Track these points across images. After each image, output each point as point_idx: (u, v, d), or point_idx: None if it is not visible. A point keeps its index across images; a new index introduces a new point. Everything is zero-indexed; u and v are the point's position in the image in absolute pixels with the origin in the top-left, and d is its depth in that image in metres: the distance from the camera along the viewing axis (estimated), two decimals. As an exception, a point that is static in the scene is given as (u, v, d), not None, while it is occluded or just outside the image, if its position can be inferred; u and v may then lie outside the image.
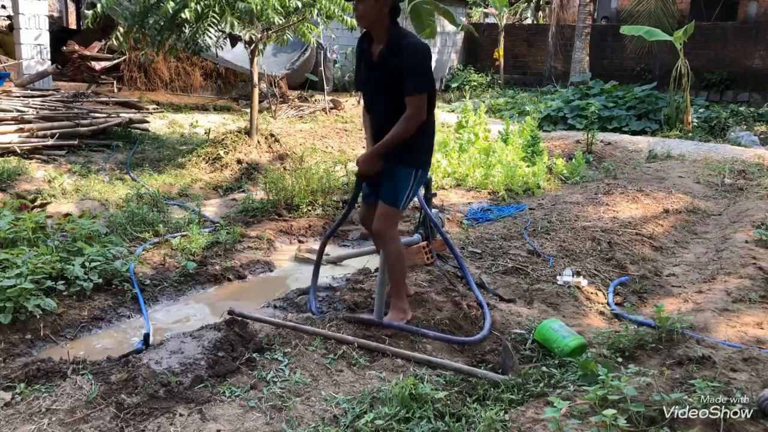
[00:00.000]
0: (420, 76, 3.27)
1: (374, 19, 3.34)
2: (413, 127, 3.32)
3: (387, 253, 3.55)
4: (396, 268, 3.56)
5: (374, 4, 3.29)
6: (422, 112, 3.31)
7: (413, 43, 3.32)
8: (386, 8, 3.32)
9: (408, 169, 3.44)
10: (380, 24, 3.36)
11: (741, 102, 15.63)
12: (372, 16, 3.33)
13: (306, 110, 12.49)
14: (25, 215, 4.75)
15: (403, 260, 3.60)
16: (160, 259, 4.90)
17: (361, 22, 3.40)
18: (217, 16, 7.12)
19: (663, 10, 13.93)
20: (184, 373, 2.98)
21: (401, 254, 3.57)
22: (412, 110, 3.28)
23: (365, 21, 3.38)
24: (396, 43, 3.33)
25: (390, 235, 3.51)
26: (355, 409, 2.74)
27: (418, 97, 3.27)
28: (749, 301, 4.17)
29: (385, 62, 3.35)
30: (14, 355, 3.39)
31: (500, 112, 14.53)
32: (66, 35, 13.95)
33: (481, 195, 7.52)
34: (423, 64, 3.30)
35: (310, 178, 6.79)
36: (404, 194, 3.46)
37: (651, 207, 6.73)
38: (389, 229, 3.50)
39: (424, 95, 3.30)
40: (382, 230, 3.50)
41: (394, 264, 3.55)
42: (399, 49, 3.29)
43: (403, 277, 3.61)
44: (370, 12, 3.31)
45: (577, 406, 2.49)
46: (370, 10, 3.31)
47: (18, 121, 7.66)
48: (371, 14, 3.32)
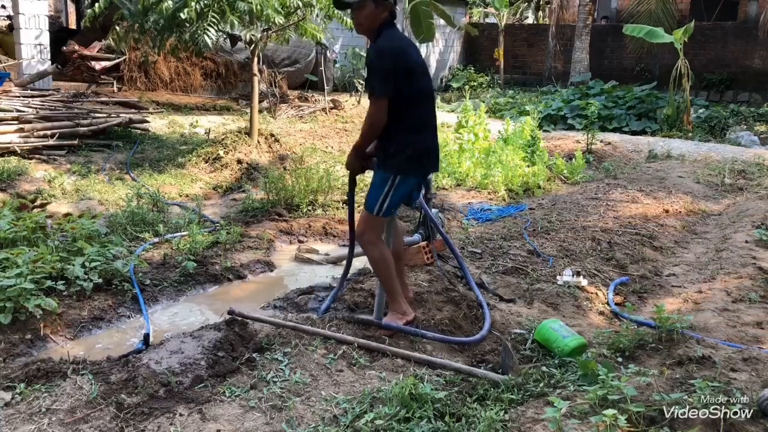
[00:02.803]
0: (374, 77, 3.26)
1: (370, 25, 3.35)
2: (371, 127, 3.31)
3: (368, 258, 3.53)
4: (380, 272, 3.49)
5: (372, 11, 3.30)
6: (380, 114, 3.25)
7: (378, 45, 3.31)
8: (385, 13, 3.33)
9: (384, 174, 3.38)
10: (375, 30, 3.36)
11: (741, 102, 15.62)
12: (370, 23, 3.34)
13: (306, 110, 12.48)
14: (25, 215, 4.75)
15: (386, 264, 3.46)
16: (160, 259, 4.90)
17: (359, 28, 3.41)
18: (217, 16, 7.12)
19: (663, 10, 13.93)
20: (184, 373, 2.98)
21: (383, 258, 3.45)
22: (371, 110, 3.30)
23: (363, 28, 3.38)
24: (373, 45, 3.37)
25: (367, 239, 3.44)
26: (355, 409, 2.74)
27: (374, 97, 3.28)
28: (749, 301, 4.17)
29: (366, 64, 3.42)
30: (14, 355, 3.39)
31: (500, 112, 14.53)
32: (66, 35, 13.91)
33: (481, 195, 7.51)
34: (379, 67, 3.23)
35: (310, 178, 6.79)
36: (377, 199, 3.38)
37: (651, 207, 6.73)
38: (366, 234, 3.45)
39: (378, 98, 3.24)
40: (359, 234, 3.49)
41: (376, 269, 3.51)
42: (368, 51, 3.35)
43: (390, 280, 3.49)
44: (367, 19, 3.33)
45: (577, 406, 2.49)
46: (368, 17, 3.32)
47: (18, 121, 7.66)
48: (370, 21, 3.33)
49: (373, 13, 3.30)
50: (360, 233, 3.49)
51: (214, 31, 7.13)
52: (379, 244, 3.47)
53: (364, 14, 3.31)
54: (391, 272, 3.49)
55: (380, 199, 3.38)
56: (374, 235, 3.46)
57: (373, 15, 3.31)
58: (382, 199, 3.38)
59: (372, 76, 3.27)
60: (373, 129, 3.32)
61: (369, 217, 3.44)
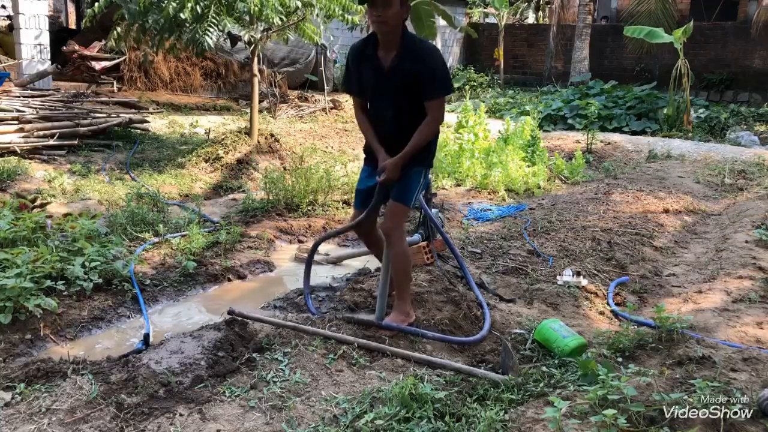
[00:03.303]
0: (443, 79, 3.36)
1: (397, 24, 3.31)
2: (436, 130, 3.46)
3: (394, 253, 3.51)
4: (402, 269, 3.55)
5: (399, 10, 3.27)
6: (443, 115, 3.44)
7: (432, 48, 3.42)
8: (407, 15, 3.35)
9: (420, 168, 3.52)
10: (398, 30, 3.33)
11: (741, 102, 15.62)
12: (395, 22, 3.29)
13: (306, 110, 12.48)
14: (25, 215, 4.75)
15: (409, 262, 3.61)
16: (160, 259, 4.90)
17: (384, 27, 3.29)
18: (216, 17, 7.11)
19: (663, 11, 13.93)
20: (184, 373, 2.98)
21: (407, 255, 3.59)
22: (436, 113, 3.36)
23: (388, 26, 3.29)
24: (412, 47, 3.32)
25: (399, 234, 3.52)
26: (355, 409, 2.74)
27: (440, 100, 3.37)
28: (749, 301, 4.17)
29: (401, 68, 3.33)
30: (14, 355, 3.39)
31: (500, 112, 14.53)
32: (66, 35, 13.91)
33: (481, 195, 7.52)
34: (444, 68, 3.39)
35: (310, 178, 6.79)
36: (415, 192, 3.53)
37: (651, 207, 6.73)
38: (399, 228, 3.53)
39: (444, 99, 3.41)
40: (393, 228, 3.50)
41: (400, 265, 3.54)
42: (419, 54, 3.30)
43: (407, 279, 3.62)
44: (393, 17, 3.26)
45: (577, 406, 2.49)
46: (394, 16, 3.26)
47: (18, 121, 7.66)
48: (394, 20, 3.28)
49: (398, 13, 3.28)
50: (394, 227, 3.51)
51: (214, 31, 7.12)
52: (405, 240, 3.64)
53: (391, 12, 3.25)
54: (410, 270, 3.66)
55: (417, 191, 3.54)
56: (403, 230, 3.61)
57: (399, 14, 3.28)
58: (418, 192, 3.56)
59: (437, 76, 3.31)
60: (435, 133, 3.48)
61: (405, 209, 3.55)
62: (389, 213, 3.53)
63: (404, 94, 3.36)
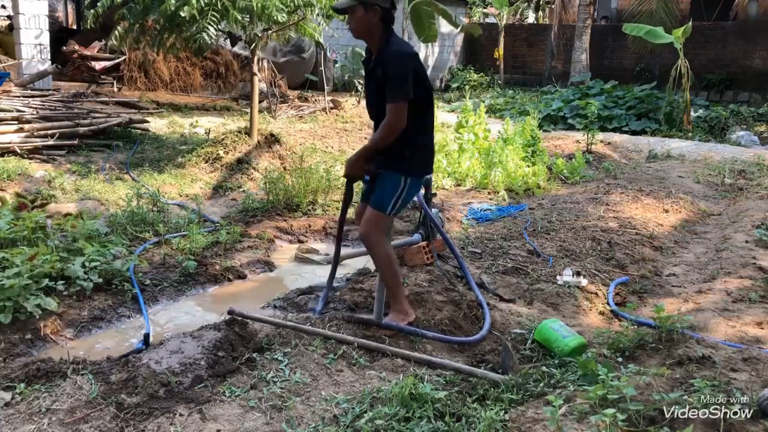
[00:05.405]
0: (396, 86, 3.28)
1: (365, 29, 3.38)
2: (391, 133, 3.34)
3: (373, 258, 3.55)
4: (386, 271, 3.53)
5: (364, 15, 3.34)
6: (400, 120, 3.31)
7: (396, 51, 3.35)
8: (377, 18, 3.35)
9: (396, 175, 3.45)
10: (372, 34, 3.40)
11: (741, 102, 15.61)
12: (363, 28, 3.38)
13: (306, 110, 12.48)
14: (24, 215, 4.75)
15: (392, 263, 3.53)
16: (160, 259, 4.90)
17: (354, 33, 3.44)
18: (217, 16, 7.10)
19: (665, 10, 13.93)
20: (184, 373, 2.98)
21: (389, 257, 3.52)
22: (390, 117, 3.32)
23: (356, 32, 3.42)
24: (383, 51, 3.38)
25: (374, 239, 3.48)
26: (355, 408, 2.74)
27: (395, 104, 3.30)
28: (749, 301, 4.17)
29: (375, 70, 3.42)
30: (14, 355, 3.39)
31: (500, 112, 14.53)
32: (66, 35, 13.92)
33: (481, 195, 7.52)
34: (402, 74, 3.29)
35: (310, 178, 6.79)
36: (391, 200, 3.46)
37: (651, 207, 6.73)
38: (373, 234, 3.48)
39: (402, 103, 3.29)
40: (366, 233, 3.50)
41: (382, 268, 3.53)
42: (384, 58, 3.35)
43: (395, 279, 3.56)
44: (360, 23, 3.37)
45: (577, 405, 2.49)
46: (360, 22, 3.36)
47: (18, 121, 7.66)
48: (362, 25, 3.37)
49: (363, 18, 3.34)
50: (367, 233, 3.50)
51: (213, 29, 7.11)
52: (385, 243, 3.53)
53: (355, 19, 3.37)
54: (396, 271, 3.57)
55: (393, 199, 3.46)
56: (382, 234, 3.52)
57: (365, 20, 3.35)
58: (395, 200, 3.47)
59: (392, 81, 3.28)
60: (392, 134, 3.35)
61: (380, 216, 3.48)
62: (364, 219, 3.55)
63: (378, 96, 3.40)
